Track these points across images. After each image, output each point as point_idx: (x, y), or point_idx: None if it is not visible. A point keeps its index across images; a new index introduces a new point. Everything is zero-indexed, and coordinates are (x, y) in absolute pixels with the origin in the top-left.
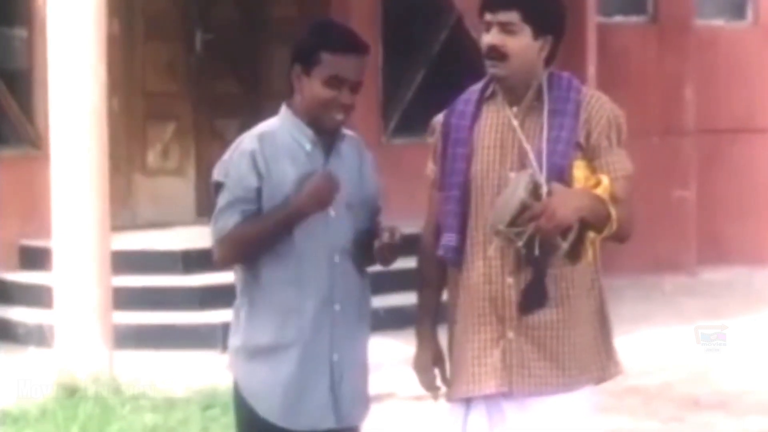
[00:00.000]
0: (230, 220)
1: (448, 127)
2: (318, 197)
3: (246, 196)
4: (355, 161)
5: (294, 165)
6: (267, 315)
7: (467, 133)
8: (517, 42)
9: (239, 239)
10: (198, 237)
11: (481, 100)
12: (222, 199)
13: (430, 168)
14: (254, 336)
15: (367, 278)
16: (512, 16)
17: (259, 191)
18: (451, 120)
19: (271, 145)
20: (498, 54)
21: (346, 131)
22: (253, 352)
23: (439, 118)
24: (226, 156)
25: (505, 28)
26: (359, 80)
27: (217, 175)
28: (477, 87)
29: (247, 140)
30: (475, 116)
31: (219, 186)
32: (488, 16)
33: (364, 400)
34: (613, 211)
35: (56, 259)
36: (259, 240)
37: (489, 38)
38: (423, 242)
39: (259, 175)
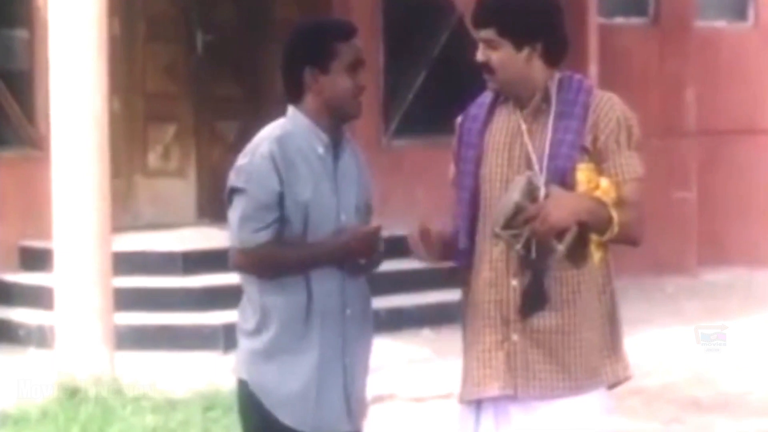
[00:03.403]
0: (261, 234)
1: (462, 129)
2: (368, 247)
3: (269, 202)
4: (355, 163)
5: (308, 168)
6: (285, 318)
7: (478, 136)
8: (498, 56)
9: (271, 260)
10: (198, 238)
11: (495, 103)
12: (245, 205)
13: (452, 170)
14: (272, 339)
15: (367, 281)
16: (489, 33)
17: (281, 196)
18: (465, 123)
19: (289, 148)
20: (487, 69)
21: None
22: (271, 356)
23: (458, 120)
24: (243, 161)
25: (488, 44)
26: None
27: (236, 181)
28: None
29: (266, 144)
30: (487, 119)
31: (237, 191)
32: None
33: (365, 402)
34: (614, 214)
35: (57, 260)
36: (293, 268)
37: (477, 54)
38: None
39: (281, 180)
